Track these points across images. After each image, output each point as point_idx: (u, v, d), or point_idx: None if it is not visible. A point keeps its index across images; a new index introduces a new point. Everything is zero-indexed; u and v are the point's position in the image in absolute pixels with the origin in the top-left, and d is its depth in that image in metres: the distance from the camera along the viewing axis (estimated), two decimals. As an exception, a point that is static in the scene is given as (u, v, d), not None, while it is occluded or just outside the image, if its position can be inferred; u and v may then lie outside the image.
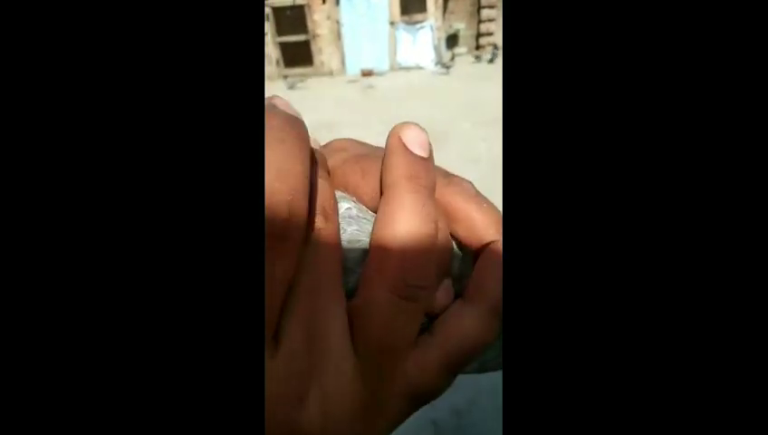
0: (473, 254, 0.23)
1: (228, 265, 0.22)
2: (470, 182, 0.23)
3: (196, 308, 0.21)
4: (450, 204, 0.22)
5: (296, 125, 0.19)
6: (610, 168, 0.21)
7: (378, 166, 0.21)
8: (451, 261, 0.23)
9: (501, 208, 0.24)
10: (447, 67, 7.66)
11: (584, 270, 0.21)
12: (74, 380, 0.20)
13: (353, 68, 8.19)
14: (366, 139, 0.28)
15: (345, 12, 7.97)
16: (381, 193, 0.20)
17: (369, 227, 0.21)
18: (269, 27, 7.72)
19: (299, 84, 7.96)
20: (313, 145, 0.22)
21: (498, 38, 8.35)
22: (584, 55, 0.21)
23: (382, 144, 0.24)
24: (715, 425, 0.19)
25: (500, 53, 8.10)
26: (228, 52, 0.22)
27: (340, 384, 0.19)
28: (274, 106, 0.20)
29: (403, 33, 8.06)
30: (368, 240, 0.21)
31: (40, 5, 0.19)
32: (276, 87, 7.43)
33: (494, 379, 1.34)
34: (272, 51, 7.96)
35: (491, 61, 7.93)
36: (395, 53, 8.19)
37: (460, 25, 8.55)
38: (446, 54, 8.05)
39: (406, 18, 8.04)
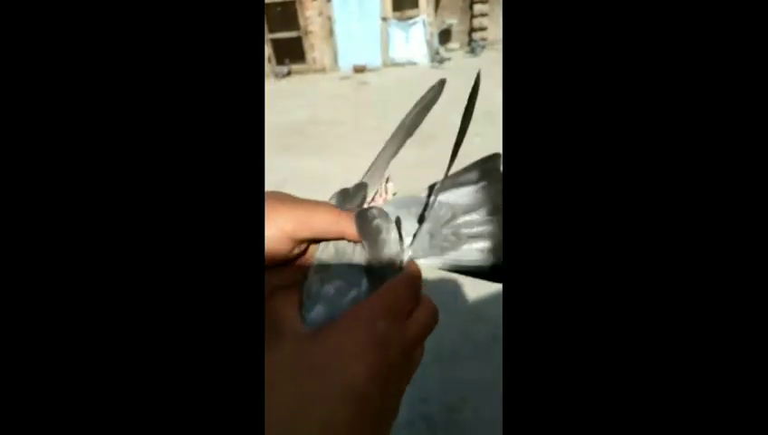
0: None
1: (228, 262, 0.22)
2: None
3: (198, 307, 0.21)
4: None
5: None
6: (609, 164, 0.21)
7: None
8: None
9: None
10: (442, 61, 7.65)
11: (584, 266, 0.21)
12: (77, 375, 0.19)
13: (346, 64, 8.16)
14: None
15: (337, 8, 7.93)
16: None
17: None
18: (260, 23, 7.65)
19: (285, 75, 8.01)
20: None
21: (490, 33, 8.34)
22: (583, 53, 0.21)
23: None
24: (714, 422, 0.19)
25: (485, 44, 8.10)
26: (225, 49, 0.22)
27: None
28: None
29: (395, 29, 8.03)
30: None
31: (40, 5, 0.19)
32: (267, 82, 7.39)
33: (487, 376, 1.34)
34: (263, 48, 7.90)
35: (473, 51, 7.95)
36: (387, 49, 8.16)
37: (453, 21, 8.53)
38: (439, 49, 8.03)
39: (398, 14, 8.00)
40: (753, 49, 0.19)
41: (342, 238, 0.30)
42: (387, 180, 0.34)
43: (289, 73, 8.18)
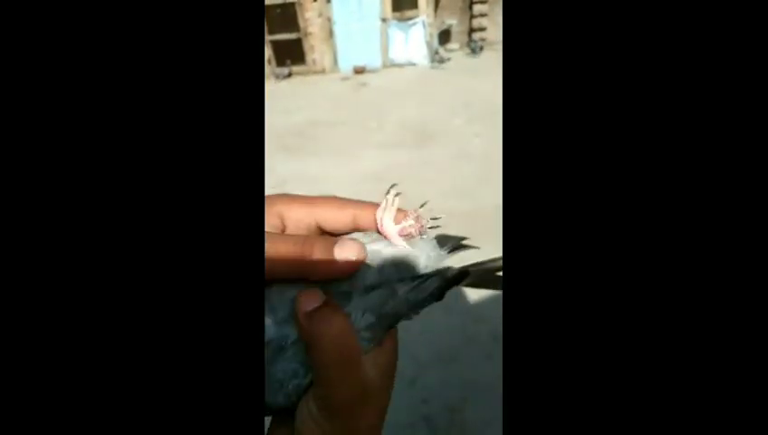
0: None
1: (228, 263, 0.22)
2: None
3: (198, 308, 0.21)
4: None
5: None
6: (610, 165, 0.21)
7: None
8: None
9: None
10: (442, 61, 7.65)
11: (584, 265, 0.21)
12: (77, 376, 0.19)
13: (346, 66, 8.16)
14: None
15: (337, 9, 7.93)
16: None
17: None
18: (260, 25, 7.63)
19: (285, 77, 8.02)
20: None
21: (489, 33, 8.34)
22: (584, 52, 0.21)
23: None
24: (713, 423, 0.19)
25: (483, 45, 8.10)
26: (226, 51, 0.22)
27: None
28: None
29: (395, 30, 8.03)
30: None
31: (40, 5, 0.19)
32: (267, 84, 7.40)
33: (488, 376, 1.34)
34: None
35: (473, 51, 7.95)
36: (387, 50, 8.16)
37: (452, 21, 8.53)
38: (439, 50, 8.03)
39: (397, 15, 8.00)
40: (753, 49, 0.19)
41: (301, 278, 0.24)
42: (390, 190, 0.28)
43: (290, 75, 8.20)
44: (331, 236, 0.27)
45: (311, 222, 0.26)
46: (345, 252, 0.23)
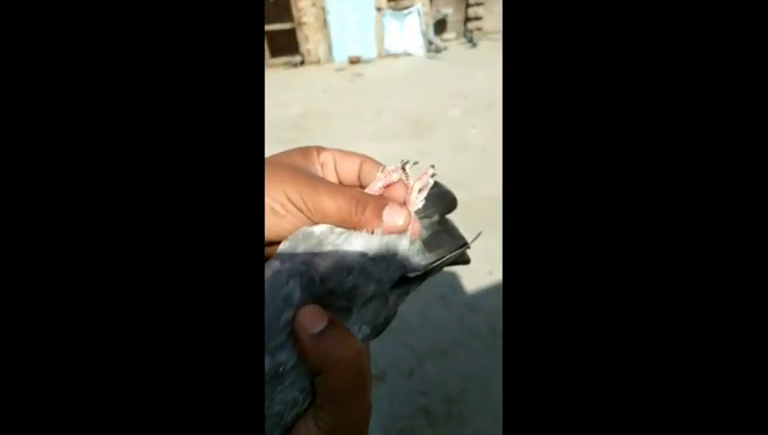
0: None
1: (229, 265, 0.21)
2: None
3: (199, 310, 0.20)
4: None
5: None
6: (610, 157, 0.20)
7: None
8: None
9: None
10: (438, 51, 7.64)
11: (584, 260, 0.21)
12: (77, 377, 0.19)
13: (341, 56, 8.13)
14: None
15: (331, -1, 7.88)
16: None
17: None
18: (254, 15, 7.61)
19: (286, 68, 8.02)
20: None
21: (486, 23, 8.31)
22: (586, 44, 0.21)
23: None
24: (713, 423, 0.19)
25: (481, 34, 8.09)
26: (226, 42, 0.21)
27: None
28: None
29: (390, 20, 7.99)
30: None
31: (40, 4, 0.19)
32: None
33: (486, 368, 1.34)
34: (257, 39, 7.85)
35: (470, 41, 7.94)
36: (382, 40, 8.12)
37: (448, 10, 8.50)
38: (435, 39, 8.01)
39: (392, 4, 7.96)
40: (753, 49, 0.18)
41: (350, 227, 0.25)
42: (404, 165, 0.28)
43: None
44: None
45: (333, 164, 0.29)
46: (393, 217, 0.24)
